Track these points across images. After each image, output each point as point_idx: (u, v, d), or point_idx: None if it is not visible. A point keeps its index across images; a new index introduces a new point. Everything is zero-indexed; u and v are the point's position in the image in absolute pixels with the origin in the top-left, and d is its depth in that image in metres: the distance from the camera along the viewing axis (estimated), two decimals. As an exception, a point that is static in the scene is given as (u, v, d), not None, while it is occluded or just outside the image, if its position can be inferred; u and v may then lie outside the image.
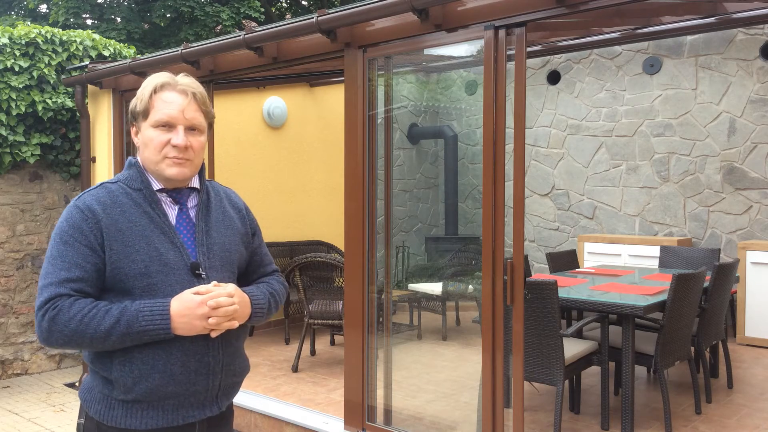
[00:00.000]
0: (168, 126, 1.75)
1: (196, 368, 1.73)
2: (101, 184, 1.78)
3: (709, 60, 6.71)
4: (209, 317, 1.69)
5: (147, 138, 1.77)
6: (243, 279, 1.99)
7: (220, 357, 1.78)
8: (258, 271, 2.04)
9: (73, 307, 1.63)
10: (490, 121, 3.26)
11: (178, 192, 1.82)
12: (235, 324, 1.75)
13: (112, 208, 1.71)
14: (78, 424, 1.82)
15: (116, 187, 1.76)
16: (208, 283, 1.76)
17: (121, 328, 1.63)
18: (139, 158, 1.82)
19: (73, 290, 1.65)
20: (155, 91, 1.76)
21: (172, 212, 1.80)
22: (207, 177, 1.98)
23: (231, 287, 1.75)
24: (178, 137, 1.75)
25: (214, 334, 1.73)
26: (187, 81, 1.81)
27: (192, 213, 1.83)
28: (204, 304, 1.68)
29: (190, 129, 1.78)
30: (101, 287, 1.71)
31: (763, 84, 6.40)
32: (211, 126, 1.88)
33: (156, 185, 1.79)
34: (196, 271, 1.75)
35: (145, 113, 1.76)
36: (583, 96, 7.59)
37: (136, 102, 1.78)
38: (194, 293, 1.69)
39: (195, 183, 1.86)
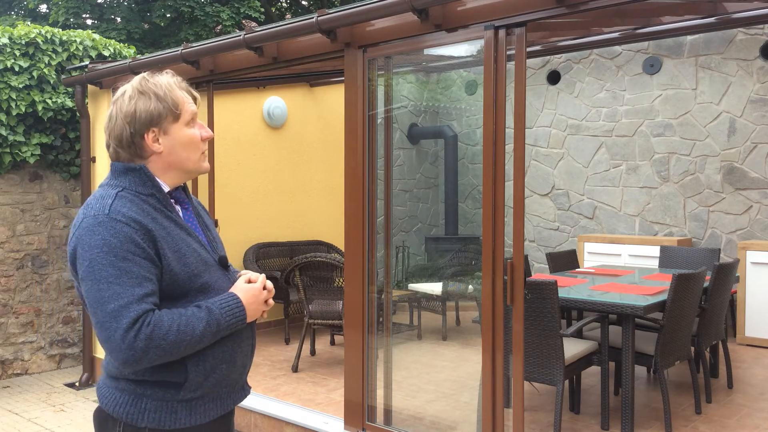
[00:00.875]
0: (192, 122, 1.78)
1: (247, 352, 1.83)
2: (116, 194, 1.66)
3: (709, 60, 6.71)
4: (267, 300, 1.81)
5: (186, 138, 1.74)
6: None
7: (254, 340, 1.89)
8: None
9: (163, 320, 1.60)
10: (490, 121, 3.26)
11: (178, 193, 1.83)
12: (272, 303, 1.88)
13: (145, 216, 1.65)
14: None
15: (130, 195, 1.68)
16: (232, 273, 1.86)
17: (212, 328, 1.66)
18: (152, 161, 1.73)
19: (152, 304, 1.61)
20: (177, 88, 1.75)
21: (181, 214, 1.81)
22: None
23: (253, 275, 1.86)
24: (207, 130, 1.81)
25: (265, 315, 1.85)
26: (180, 78, 1.81)
27: (191, 213, 1.85)
28: (262, 290, 1.80)
29: None
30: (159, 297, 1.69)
31: (763, 84, 6.40)
32: None
33: (165, 188, 1.76)
34: (226, 264, 1.83)
35: (176, 114, 1.72)
36: (583, 96, 7.59)
37: (157, 104, 1.69)
38: (247, 281, 1.80)
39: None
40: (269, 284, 1.85)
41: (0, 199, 5.87)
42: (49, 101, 5.89)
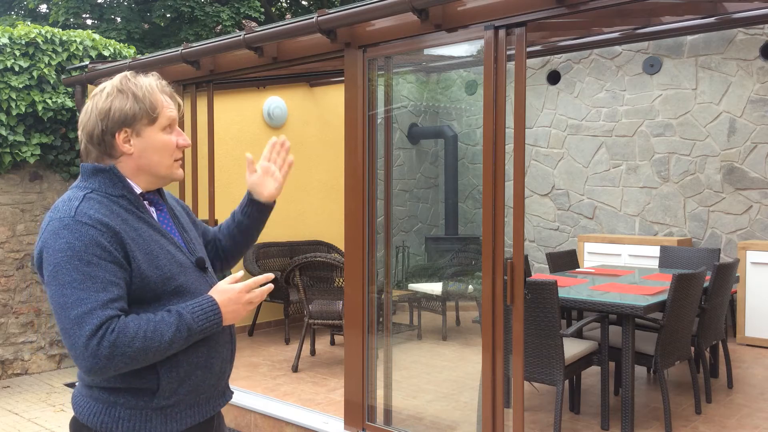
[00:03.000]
0: (171, 129, 1.74)
1: (226, 357, 1.78)
2: (84, 195, 1.62)
3: (709, 60, 6.71)
4: (250, 301, 1.72)
5: (159, 143, 1.70)
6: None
7: (235, 344, 1.85)
8: (209, 238, 2.07)
9: (129, 326, 1.54)
10: (490, 121, 3.26)
11: (152, 194, 1.78)
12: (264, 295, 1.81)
13: (114, 218, 1.61)
14: None
15: (98, 196, 1.63)
16: (211, 275, 1.81)
17: (182, 334, 1.60)
18: (114, 163, 1.69)
19: (118, 310, 1.55)
20: (158, 92, 1.71)
21: (154, 215, 1.76)
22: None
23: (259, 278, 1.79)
24: (184, 138, 1.77)
25: (243, 315, 1.79)
26: (164, 82, 1.76)
27: (166, 215, 1.80)
28: (245, 291, 1.71)
29: None
30: (129, 300, 1.63)
31: (763, 84, 6.40)
32: None
33: (137, 189, 1.72)
34: (204, 266, 1.78)
35: (152, 117, 1.68)
36: (583, 96, 7.59)
37: (133, 105, 1.66)
38: (231, 282, 1.72)
39: None
40: (264, 282, 1.78)
41: (0, 199, 5.87)
42: (49, 101, 5.89)
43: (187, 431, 1.71)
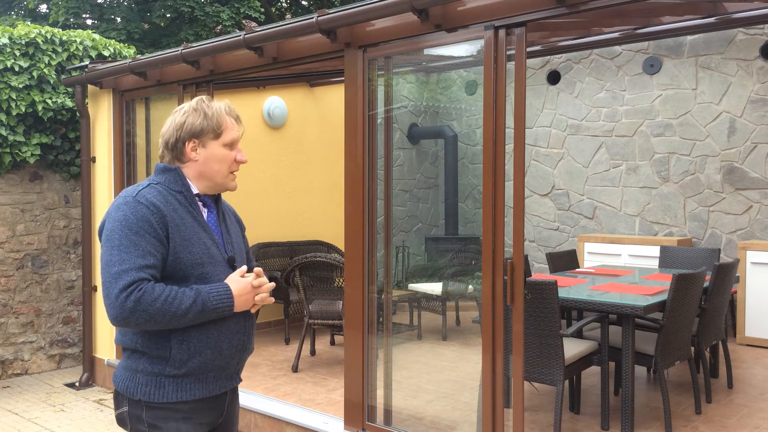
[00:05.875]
0: (232, 146, 2.08)
1: (236, 344, 2.05)
2: (149, 184, 2.00)
3: (709, 60, 6.71)
4: (258, 293, 2.04)
5: (220, 155, 2.06)
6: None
7: (249, 336, 2.11)
8: (246, 260, 2.33)
9: (155, 289, 1.86)
10: (490, 121, 3.26)
11: (208, 197, 2.11)
12: (271, 300, 2.11)
13: (167, 205, 1.96)
14: (120, 415, 2.03)
15: (161, 188, 2.00)
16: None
17: (197, 307, 1.90)
18: (181, 167, 2.05)
19: (150, 275, 1.88)
20: (225, 114, 2.06)
21: (204, 214, 2.09)
22: None
23: (259, 270, 2.08)
24: (243, 155, 2.11)
25: (254, 309, 2.08)
26: (233, 107, 2.13)
27: (215, 216, 2.12)
28: (255, 286, 2.03)
29: None
30: (163, 274, 1.94)
31: (763, 84, 6.40)
32: None
33: (195, 190, 2.06)
34: (233, 264, 2.08)
35: (217, 133, 2.04)
36: (583, 96, 7.59)
37: (203, 122, 2.02)
38: (241, 276, 2.03)
39: None
40: (267, 283, 2.08)
41: (0, 199, 5.87)
42: (49, 101, 5.89)
43: (197, 402, 2.01)
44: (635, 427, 3.99)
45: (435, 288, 6.34)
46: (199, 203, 2.08)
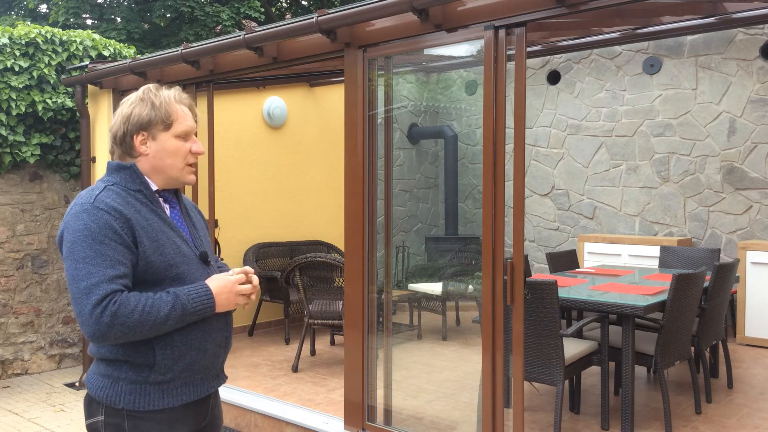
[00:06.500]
0: (186, 136, 1.95)
1: (220, 342, 1.97)
2: (105, 187, 1.86)
3: (709, 60, 6.71)
4: (243, 293, 1.94)
5: (172, 147, 1.92)
6: None
7: (230, 332, 2.04)
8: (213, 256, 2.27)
9: (130, 299, 1.75)
10: (490, 121, 3.26)
11: (168, 193, 1.99)
12: (253, 297, 2.00)
13: (128, 207, 1.83)
14: (94, 425, 1.88)
15: (118, 189, 1.87)
16: (213, 268, 2.02)
17: (177, 312, 1.80)
18: (136, 163, 1.92)
19: (122, 285, 1.77)
20: (176, 103, 1.93)
21: (167, 211, 1.97)
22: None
23: (247, 268, 2.00)
24: (199, 146, 1.98)
25: (247, 306, 2.01)
26: (185, 95, 1.99)
27: (178, 212, 2.01)
28: (237, 283, 1.93)
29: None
30: (134, 281, 1.84)
31: (763, 84, 6.40)
32: None
33: (154, 186, 1.94)
34: (207, 260, 1.98)
35: (167, 124, 1.91)
36: (583, 96, 7.59)
37: (150, 112, 1.89)
38: (229, 275, 1.94)
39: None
40: (255, 279, 1.99)
41: (0, 199, 5.87)
42: (49, 101, 5.89)
43: (182, 407, 1.91)
44: (635, 427, 3.99)
45: (435, 288, 6.34)
46: (160, 200, 1.95)
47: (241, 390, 4.78)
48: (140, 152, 1.91)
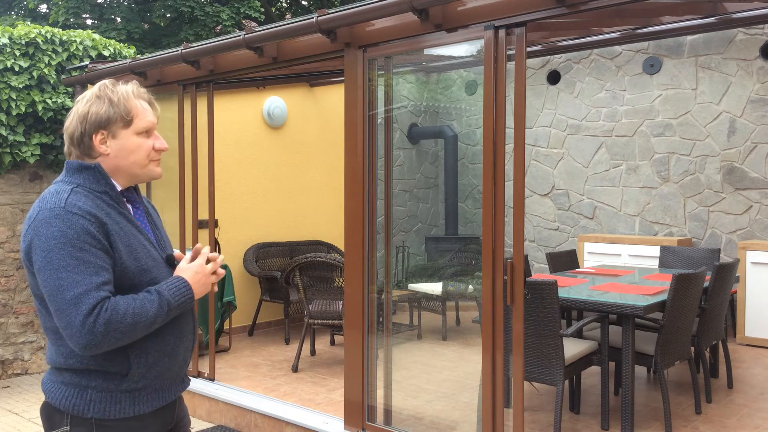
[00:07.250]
0: (148, 133, 1.87)
1: (188, 346, 1.94)
2: (71, 190, 1.75)
3: (709, 60, 6.71)
4: (213, 272, 1.91)
5: (133, 145, 1.83)
6: None
7: (195, 333, 2.01)
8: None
9: (119, 304, 1.69)
10: (490, 121, 3.26)
11: (129, 192, 1.91)
12: (223, 272, 1.97)
13: (100, 211, 1.75)
14: None
15: (84, 191, 1.77)
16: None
17: (164, 309, 1.76)
18: (100, 162, 1.82)
19: (109, 292, 1.70)
20: (134, 98, 1.84)
21: (131, 212, 1.90)
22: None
23: (198, 246, 1.96)
24: (162, 142, 1.90)
25: (215, 287, 1.96)
26: (143, 90, 1.90)
27: (141, 212, 1.94)
28: (204, 264, 1.89)
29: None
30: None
31: (763, 84, 6.40)
32: None
33: (118, 187, 1.86)
34: (173, 263, 1.93)
35: (127, 121, 1.82)
36: (583, 96, 7.59)
37: (108, 109, 1.79)
38: (190, 261, 1.90)
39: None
40: (213, 254, 1.94)
41: (0, 199, 5.87)
42: (49, 101, 5.89)
43: (152, 413, 1.85)
44: (635, 427, 3.99)
45: (435, 288, 6.35)
46: (125, 201, 1.88)
47: (241, 390, 4.78)
48: (100, 152, 1.81)
